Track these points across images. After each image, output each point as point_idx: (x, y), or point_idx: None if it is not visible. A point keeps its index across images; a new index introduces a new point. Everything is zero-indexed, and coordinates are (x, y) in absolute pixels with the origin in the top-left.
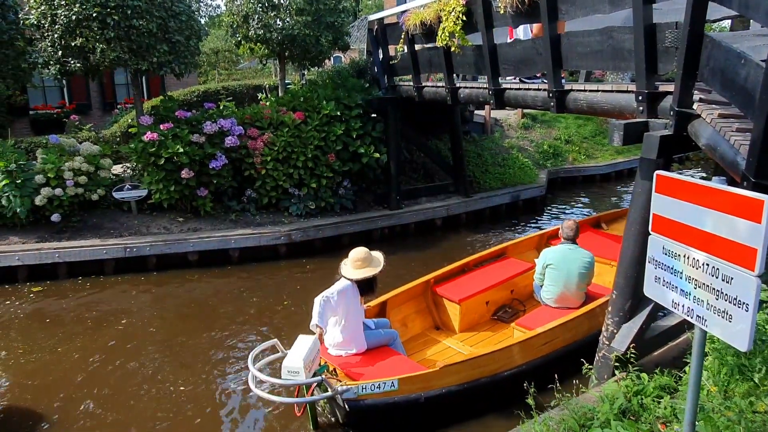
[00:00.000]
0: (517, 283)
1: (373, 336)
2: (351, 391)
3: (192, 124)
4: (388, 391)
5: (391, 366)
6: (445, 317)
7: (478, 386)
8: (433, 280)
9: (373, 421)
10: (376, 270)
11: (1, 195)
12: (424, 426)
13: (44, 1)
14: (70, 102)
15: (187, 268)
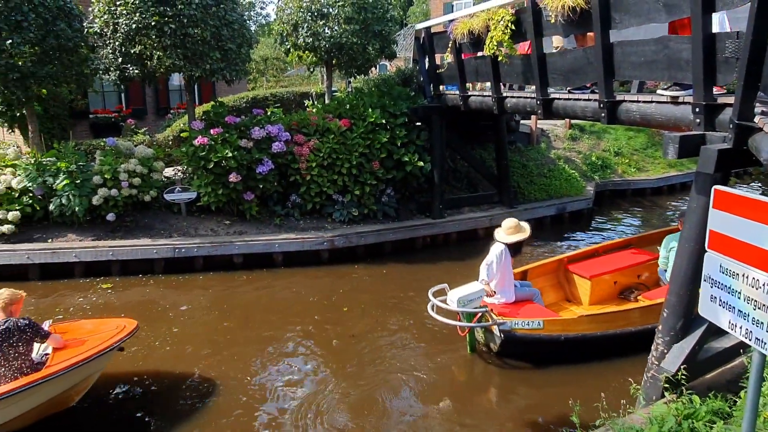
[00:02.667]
0: (644, 270)
1: (521, 291)
2: (506, 324)
3: (241, 129)
4: (535, 329)
5: (536, 312)
6: (575, 291)
7: (606, 336)
8: (566, 259)
9: (520, 351)
10: (525, 235)
11: (62, 194)
12: (559, 360)
13: (107, 10)
14: (127, 106)
15: (233, 270)
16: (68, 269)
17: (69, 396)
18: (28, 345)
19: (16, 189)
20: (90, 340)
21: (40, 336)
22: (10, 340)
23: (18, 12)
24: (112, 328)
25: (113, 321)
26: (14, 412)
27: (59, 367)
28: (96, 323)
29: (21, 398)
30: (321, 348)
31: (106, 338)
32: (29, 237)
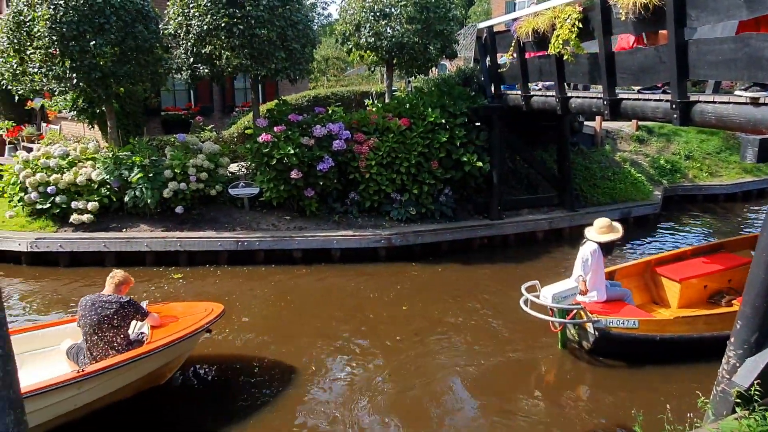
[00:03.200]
0: (736, 275)
1: (612, 290)
2: (601, 322)
3: (303, 127)
4: (630, 328)
5: (630, 312)
6: (662, 294)
7: (702, 339)
8: (654, 261)
9: (614, 350)
10: (617, 235)
11: (136, 187)
12: (653, 360)
13: (181, 12)
14: (196, 104)
15: (292, 264)
16: (140, 258)
17: (163, 373)
18: (125, 320)
19: (95, 181)
20: (182, 321)
21: (141, 314)
22: (109, 312)
23: (101, 15)
24: (201, 311)
25: (201, 304)
26: (119, 383)
27: (159, 343)
28: (185, 306)
29: (127, 370)
30: (387, 344)
31: (197, 320)
32: (106, 226)
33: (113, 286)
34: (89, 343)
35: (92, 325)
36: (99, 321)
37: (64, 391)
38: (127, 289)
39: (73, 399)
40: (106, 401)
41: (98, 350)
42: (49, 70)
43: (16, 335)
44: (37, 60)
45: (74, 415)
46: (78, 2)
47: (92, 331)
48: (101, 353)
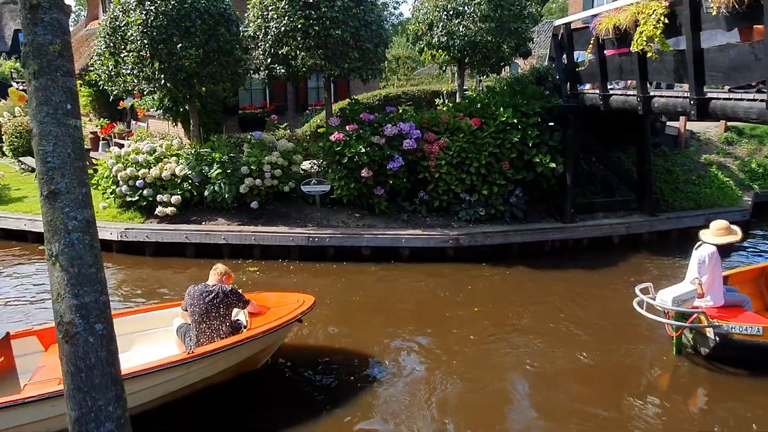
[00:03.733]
0: None
1: (729, 295)
2: (722, 328)
3: (374, 126)
4: (753, 335)
5: (753, 318)
6: None
7: None
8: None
9: (735, 356)
10: (736, 238)
11: (215, 182)
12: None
13: (260, 15)
14: (271, 103)
15: (361, 261)
16: (217, 250)
17: (258, 359)
18: (228, 309)
19: (178, 176)
20: (277, 310)
21: (242, 302)
22: (215, 301)
23: (188, 19)
24: (294, 302)
25: (293, 295)
26: (221, 366)
27: (259, 330)
28: (278, 296)
29: (229, 354)
30: (461, 344)
31: (291, 310)
32: (187, 219)
33: (217, 277)
34: (197, 330)
35: (200, 314)
36: (206, 309)
37: (175, 370)
38: (230, 280)
39: (182, 379)
40: (208, 383)
41: (204, 337)
42: (140, 72)
43: (129, 316)
44: (130, 62)
45: (179, 395)
46: (167, 7)
47: (200, 319)
48: (207, 339)
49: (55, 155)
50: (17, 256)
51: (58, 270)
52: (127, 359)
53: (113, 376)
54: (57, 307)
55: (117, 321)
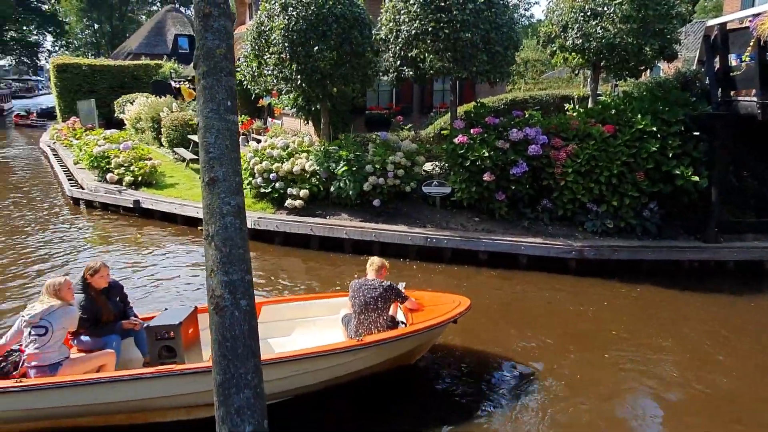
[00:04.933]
0: None
1: None
2: None
3: (499, 130)
4: None
5: None
6: None
7: None
8: None
9: None
10: None
11: (341, 179)
12: None
13: (393, 18)
14: (397, 104)
15: (477, 266)
16: (339, 244)
17: (413, 354)
18: (386, 303)
19: (308, 171)
20: (434, 309)
21: (401, 298)
22: (374, 294)
23: (324, 23)
24: (450, 302)
25: (449, 296)
26: (381, 357)
27: (419, 327)
28: (432, 295)
29: (393, 346)
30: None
31: (448, 310)
32: (312, 212)
33: (374, 272)
34: (357, 321)
35: (360, 305)
36: (366, 302)
37: (344, 356)
38: (385, 273)
39: (347, 365)
40: (367, 372)
41: (363, 328)
42: (279, 72)
43: (292, 303)
44: (271, 63)
45: (341, 380)
46: (307, 13)
47: (360, 310)
48: (365, 330)
49: (215, 146)
50: (173, 236)
51: (213, 249)
52: (289, 342)
53: (253, 348)
54: (210, 282)
55: (281, 306)
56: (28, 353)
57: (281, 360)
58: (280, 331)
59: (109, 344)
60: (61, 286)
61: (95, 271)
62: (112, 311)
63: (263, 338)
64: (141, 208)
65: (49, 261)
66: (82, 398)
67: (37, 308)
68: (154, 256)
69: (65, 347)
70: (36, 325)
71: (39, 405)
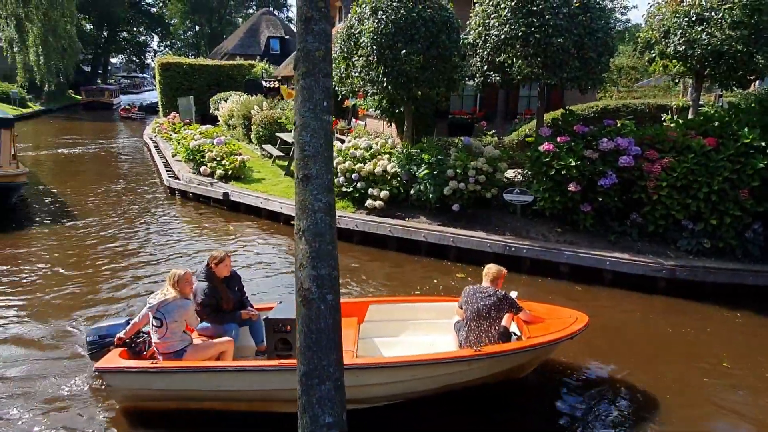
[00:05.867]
0: None
1: None
2: None
3: (587, 139)
4: None
5: None
6: None
7: None
8: None
9: None
10: None
11: (422, 182)
12: None
13: (482, 23)
14: (480, 109)
15: (558, 279)
16: (416, 246)
17: (524, 368)
18: (499, 312)
19: (389, 173)
20: (549, 323)
21: (515, 308)
22: (488, 303)
23: (413, 27)
24: (567, 317)
25: (564, 309)
26: (494, 369)
27: (539, 341)
28: (547, 308)
29: (509, 359)
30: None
31: (565, 325)
32: (392, 214)
33: (490, 280)
34: (468, 328)
35: (473, 312)
36: (478, 310)
37: (459, 365)
38: (501, 282)
39: (461, 374)
40: (476, 383)
41: (474, 336)
42: (366, 75)
43: (401, 303)
44: (359, 66)
45: (451, 389)
46: (397, 16)
47: (472, 317)
48: (476, 339)
49: (311, 145)
50: (258, 228)
51: (303, 243)
52: (396, 343)
53: (336, 342)
54: (299, 275)
55: (388, 307)
56: (154, 341)
57: (397, 364)
58: (386, 331)
59: (228, 332)
60: (181, 278)
61: (220, 261)
62: (232, 299)
63: (369, 337)
64: (229, 200)
65: (146, 246)
66: (207, 384)
67: (156, 298)
68: (242, 247)
69: (186, 334)
70: (154, 315)
71: (170, 387)
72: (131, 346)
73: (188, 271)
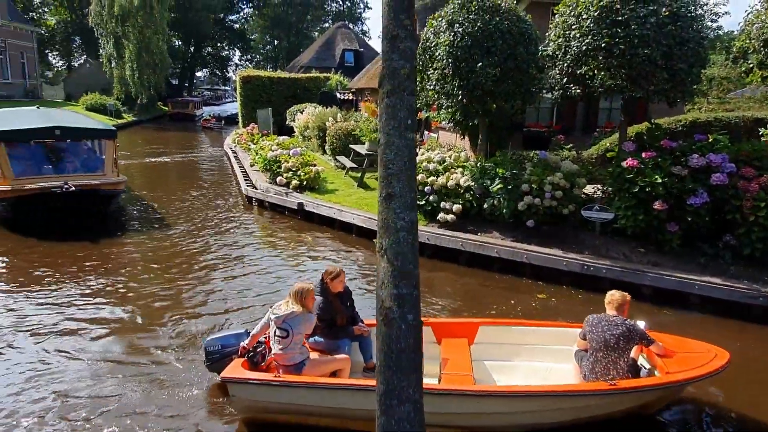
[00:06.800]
0: None
1: None
2: None
3: (675, 155)
4: None
5: None
6: None
7: None
8: None
9: None
10: None
11: (495, 196)
12: None
13: (562, 34)
14: (557, 123)
15: (641, 300)
16: (488, 261)
17: (657, 404)
18: (628, 344)
19: (462, 186)
20: (685, 358)
21: (646, 340)
22: (615, 333)
23: (489, 39)
24: (703, 351)
25: (698, 343)
26: (629, 403)
27: (679, 377)
28: (678, 340)
29: (641, 395)
30: None
31: (704, 360)
32: (464, 228)
33: (615, 308)
34: (593, 359)
35: (599, 342)
36: (605, 340)
37: (591, 398)
38: (627, 309)
39: (590, 408)
40: (603, 417)
41: (601, 367)
42: (441, 88)
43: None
44: (434, 79)
45: (578, 422)
46: (473, 29)
47: (598, 348)
48: (603, 371)
49: (394, 163)
50: (330, 239)
51: (385, 262)
52: (509, 369)
53: (416, 363)
54: (380, 293)
55: (499, 329)
56: (275, 352)
57: (525, 393)
58: (498, 354)
59: (342, 347)
60: (308, 294)
61: (335, 276)
62: (345, 315)
63: (480, 359)
64: (304, 210)
65: (226, 254)
66: (327, 400)
67: (282, 310)
68: (316, 258)
69: (305, 348)
70: (279, 326)
71: (291, 400)
72: (251, 356)
73: (312, 286)
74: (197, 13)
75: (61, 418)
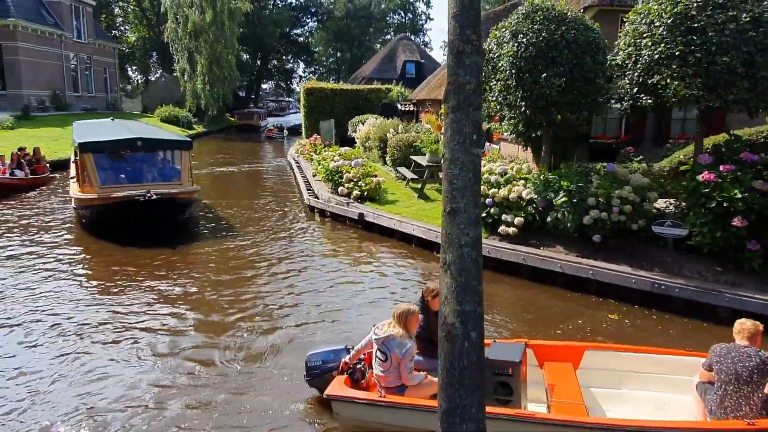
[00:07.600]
0: None
1: None
2: None
3: (757, 168)
4: None
5: None
6: None
7: None
8: None
9: None
10: None
11: (559, 209)
12: None
13: (632, 42)
14: (626, 134)
15: (716, 323)
16: (551, 277)
17: None
18: (764, 377)
19: (524, 199)
20: None
21: None
22: (748, 365)
23: (555, 50)
24: None
25: None
26: None
27: None
28: None
29: None
30: None
31: None
32: (526, 241)
33: (746, 337)
34: (721, 392)
35: (728, 374)
36: (737, 372)
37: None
38: (759, 339)
39: None
40: None
41: (731, 402)
42: (504, 99)
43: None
44: (496, 90)
45: None
46: (538, 39)
47: (728, 380)
48: (734, 407)
49: (459, 178)
50: (389, 249)
51: (448, 277)
52: (619, 398)
53: (479, 381)
54: (443, 309)
55: (607, 354)
56: (376, 374)
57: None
58: (605, 381)
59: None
60: (412, 316)
61: (436, 294)
62: None
63: (587, 386)
64: (364, 220)
65: (289, 263)
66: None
67: (383, 331)
68: (378, 269)
69: (413, 375)
70: (379, 348)
71: (394, 421)
72: (351, 373)
73: (416, 308)
74: (264, 27)
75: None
